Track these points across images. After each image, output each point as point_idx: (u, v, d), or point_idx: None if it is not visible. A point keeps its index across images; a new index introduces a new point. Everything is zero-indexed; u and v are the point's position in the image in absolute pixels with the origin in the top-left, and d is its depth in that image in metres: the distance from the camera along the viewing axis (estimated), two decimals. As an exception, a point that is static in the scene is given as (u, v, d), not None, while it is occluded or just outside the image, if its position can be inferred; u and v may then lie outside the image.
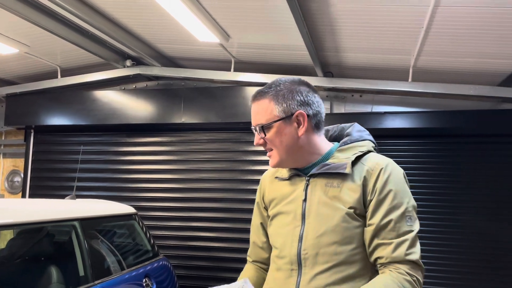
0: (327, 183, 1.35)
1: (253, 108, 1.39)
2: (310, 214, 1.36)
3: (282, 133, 1.34)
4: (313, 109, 1.36)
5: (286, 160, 1.39)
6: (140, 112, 5.00)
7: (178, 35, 4.00)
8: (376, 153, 1.40)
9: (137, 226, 3.80)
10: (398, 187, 1.30)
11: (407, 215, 1.28)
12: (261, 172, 4.73)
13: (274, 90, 1.36)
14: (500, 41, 3.20)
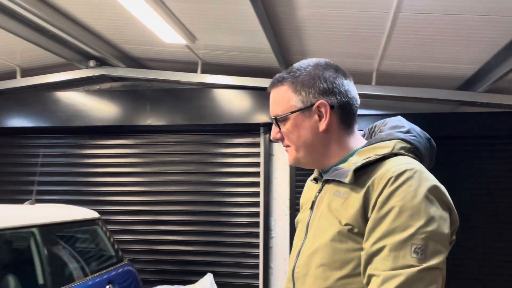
0: (335, 192, 1.11)
1: (271, 97, 1.21)
2: (312, 227, 1.15)
3: (300, 126, 1.14)
4: (339, 98, 1.13)
5: (304, 159, 1.18)
6: (104, 114, 4.88)
7: (143, 36, 3.93)
8: (405, 157, 1.06)
9: (100, 231, 3.71)
10: (407, 203, 0.95)
11: (414, 243, 0.92)
12: (229, 175, 4.79)
13: (294, 75, 1.16)
14: (458, 47, 3.32)
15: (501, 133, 4.19)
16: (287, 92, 1.16)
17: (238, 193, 4.76)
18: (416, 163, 1.04)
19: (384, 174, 1.00)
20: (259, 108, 4.55)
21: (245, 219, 4.71)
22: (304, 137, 1.15)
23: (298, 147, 1.16)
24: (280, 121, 1.17)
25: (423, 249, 0.92)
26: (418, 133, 1.15)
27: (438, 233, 0.94)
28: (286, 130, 1.17)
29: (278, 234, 4.63)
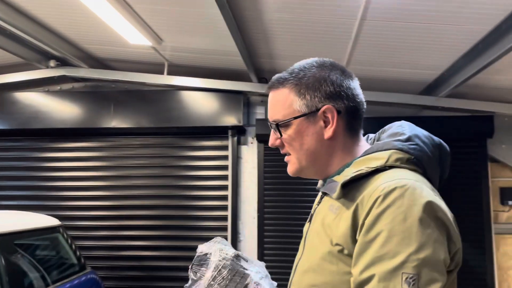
0: (330, 206, 1.02)
1: (269, 99, 1.10)
2: (308, 242, 1.08)
3: (304, 133, 1.04)
4: (347, 103, 1.03)
5: (307, 169, 1.08)
6: (65, 116, 4.71)
7: (107, 37, 3.82)
8: (399, 171, 0.95)
9: (62, 239, 3.58)
10: (396, 226, 0.85)
11: (405, 272, 0.83)
12: (196, 178, 4.73)
13: (297, 76, 1.05)
14: (420, 53, 3.41)
15: (461, 136, 4.35)
16: (290, 95, 1.05)
17: (206, 196, 4.71)
18: (411, 177, 0.92)
19: (373, 192, 0.90)
20: (227, 110, 4.52)
21: (213, 223, 4.67)
22: (307, 145, 1.05)
23: (301, 155, 1.07)
24: (282, 126, 1.06)
25: (415, 279, 0.82)
26: (423, 140, 1.02)
27: (432, 260, 0.84)
28: (288, 137, 1.06)
29: (246, 237, 4.62)
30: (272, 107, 1.09)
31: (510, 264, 4.37)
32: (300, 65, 1.08)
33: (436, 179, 1.05)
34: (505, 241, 4.39)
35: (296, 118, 1.04)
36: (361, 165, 0.98)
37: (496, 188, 4.44)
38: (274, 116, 1.08)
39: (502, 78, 3.64)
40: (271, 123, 1.09)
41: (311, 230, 1.08)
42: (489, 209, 4.34)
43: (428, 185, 0.95)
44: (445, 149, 1.08)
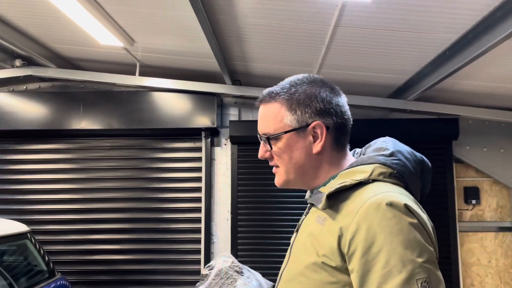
0: (317, 217, 1.05)
1: (260, 112, 1.12)
2: (294, 252, 1.10)
3: (293, 147, 1.08)
4: (335, 119, 1.08)
5: (294, 181, 1.12)
6: (32, 117, 4.55)
7: (77, 37, 3.72)
8: (383, 184, 0.99)
9: (30, 245, 3.47)
10: (394, 239, 0.89)
11: (418, 278, 0.86)
12: (169, 180, 4.68)
13: (288, 92, 1.09)
14: (390, 58, 3.51)
15: (428, 137, 4.50)
16: (281, 109, 1.08)
17: (179, 198, 4.67)
18: (392, 189, 0.97)
19: (360, 206, 0.94)
20: (201, 112, 4.50)
21: (186, 225, 4.64)
22: (296, 159, 1.09)
23: (289, 168, 1.10)
24: (272, 140, 1.09)
25: (429, 281, 0.87)
26: (405, 156, 1.07)
27: (433, 259, 0.90)
28: (277, 150, 1.10)
29: (219, 239, 4.62)
30: (263, 121, 1.12)
31: (473, 261, 4.57)
32: (291, 80, 1.11)
33: (418, 193, 1.09)
34: (468, 238, 4.58)
35: (286, 132, 1.08)
36: (346, 178, 1.03)
37: (460, 188, 4.63)
38: (264, 130, 1.11)
39: (467, 83, 3.79)
40: (261, 136, 1.12)
41: (298, 240, 1.10)
42: (454, 208, 4.51)
43: (410, 198, 1.00)
44: (426, 164, 1.12)
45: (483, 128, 4.59)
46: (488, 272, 4.55)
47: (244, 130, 4.49)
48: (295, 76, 1.13)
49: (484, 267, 4.55)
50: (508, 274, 4.53)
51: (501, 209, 4.61)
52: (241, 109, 4.79)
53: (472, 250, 4.58)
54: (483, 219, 4.60)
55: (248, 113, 4.76)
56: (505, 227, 4.56)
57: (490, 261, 4.55)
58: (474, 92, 4.04)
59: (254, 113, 4.72)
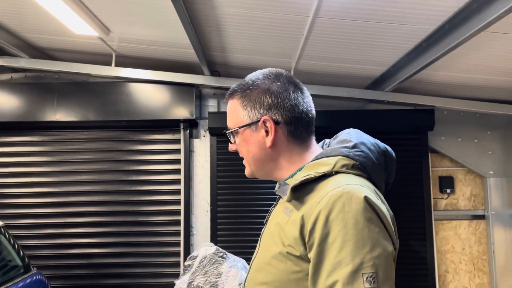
0: (285, 209, 1.08)
1: (227, 108, 1.23)
2: (262, 242, 1.14)
3: (249, 141, 1.14)
4: (285, 114, 1.10)
5: (257, 172, 1.19)
6: (4, 108, 4.41)
7: (50, 26, 3.61)
8: (345, 176, 1.02)
9: (4, 240, 3.38)
10: (349, 231, 0.92)
11: (364, 272, 0.89)
12: (147, 172, 4.63)
13: (243, 89, 1.15)
14: (368, 49, 3.53)
15: (404, 128, 4.57)
16: (237, 106, 1.16)
17: (158, 191, 4.62)
18: (355, 182, 1.00)
19: (321, 198, 0.97)
20: (179, 103, 4.44)
21: (165, 218, 4.60)
22: (252, 152, 1.15)
23: (249, 161, 1.18)
24: (232, 134, 1.18)
25: (375, 277, 0.89)
26: (368, 147, 1.09)
27: (385, 255, 0.92)
28: (238, 144, 1.18)
29: (199, 231, 4.60)
30: (227, 116, 1.21)
31: (447, 248, 4.69)
32: (249, 77, 1.18)
33: (382, 183, 1.12)
34: (443, 226, 4.70)
35: (240, 127, 1.15)
36: (311, 170, 1.06)
37: (435, 177, 4.73)
38: (228, 125, 1.20)
39: (443, 74, 3.86)
40: (225, 131, 1.21)
41: (266, 231, 1.14)
42: (429, 197, 4.61)
43: (371, 189, 1.03)
44: (390, 154, 1.15)
45: (458, 118, 4.69)
46: (462, 259, 4.68)
47: (223, 121, 4.42)
48: (255, 72, 1.18)
49: (458, 254, 4.68)
50: (481, 260, 4.67)
51: (475, 197, 4.73)
52: (220, 100, 4.76)
53: (447, 238, 4.70)
54: (457, 208, 4.72)
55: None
56: (479, 215, 4.69)
57: (464, 248, 4.68)
58: (449, 83, 4.12)
59: (233, 105, 4.68)
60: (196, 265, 2.38)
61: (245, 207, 4.59)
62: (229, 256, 2.72)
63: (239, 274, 2.55)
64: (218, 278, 2.47)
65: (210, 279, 2.44)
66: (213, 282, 2.45)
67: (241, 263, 2.69)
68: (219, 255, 2.86)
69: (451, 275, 4.66)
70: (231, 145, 1.21)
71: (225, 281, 2.49)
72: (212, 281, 2.44)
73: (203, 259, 2.41)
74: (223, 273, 2.56)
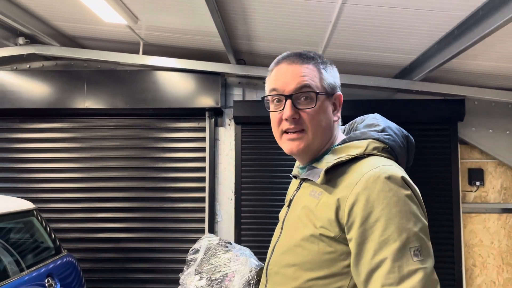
0: (311, 192, 1.09)
1: (293, 70, 1.10)
2: (287, 225, 1.15)
3: (326, 110, 1.11)
4: None
5: (314, 146, 1.12)
6: (36, 95, 4.54)
7: (80, 14, 3.68)
8: (378, 158, 1.04)
9: (37, 223, 3.50)
10: (392, 209, 0.93)
11: (411, 247, 0.92)
12: (173, 160, 4.69)
13: (321, 59, 1.14)
14: (397, 37, 3.46)
15: (433, 119, 4.47)
16: (320, 73, 1.13)
17: (183, 178, 4.69)
18: (389, 163, 1.02)
19: (358, 180, 0.98)
20: (205, 92, 4.47)
21: (190, 205, 4.67)
22: (326, 121, 1.12)
23: (318, 131, 1.11)
24: (309, 98, 1.09)
25: (420, 249, 0.92)
26: (394, 132, 1.13)
27: (425, 230, 0.96)
28: (312, 111, 1.09)
29: (223, 218, 4.65)
30: (301, 76, 1.10)
31: (475, 242, 4.59)
32: (313, 52, 1.17)
33: (404, 166, 1.15)
34: (471, 219, 4.59)
35: (325, 94, 1.12)
36: (342, 153, 1.08)
37: (465, 169, 4.62)
38: (307, 82, 1.09)
39: (475, 63, 3.74)
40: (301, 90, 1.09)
41: (291, 215, 1.14)
42: (458, 189, 4.51)
43: (403, 170, 1.06)
44: (411, 140, 1.19)
45: (490, 109, 4.55)
46: (490, 253, 4.57)
47: (248, 110, 4.47)
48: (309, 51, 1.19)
49: (486, 248, 4.57)
50: (510, 255, 4.56)
51: (505, 190, 4.60)
52: (245, 89, 4.76)
53: (475, 231, 4.59)
54: (486, 201, 4.60)
55: (252, 93, 4.73)
56: (509, 209, 4.56)
57: (493, 242, 4.57)
58: (481, 73, 3.99)
59: (258, 93, 4.68)
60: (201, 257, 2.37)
61: (269, 196, 4.60)
62: (234, 245, 2.73)
63: (249, 261, 2.56)
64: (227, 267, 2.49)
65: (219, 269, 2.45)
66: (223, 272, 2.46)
67: (248, 251, 2.69)
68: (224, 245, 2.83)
69: (479, 269, 4.57)
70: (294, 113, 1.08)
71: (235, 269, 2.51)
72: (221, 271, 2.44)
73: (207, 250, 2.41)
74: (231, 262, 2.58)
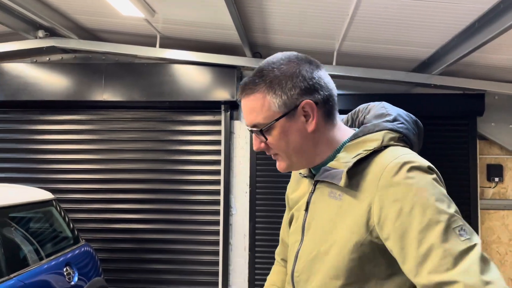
0: (330, 193, 1.06)
1: (244, 106, 1.08)
2: (309, 230, 1.10)
3: (288, 132, 1.05)
4: (322, 93, 1.05)
5: (298, 163, 1.10)
6: (55, 88, 4.62)
7: (98, 7, 3.72)
8: (396, 148, 1.01)
9: (55, 212, 3.58)
10: (421, 194, 0.91)
11: (455, 227, 0.89)
12: (189, 152, 4.73)
13: (268, 78, 1.03)
14: (416, 30, 3.41)
15: (452, 113, 4.40)
16: (266, 98, 1.04)
17: (198, 171, 4.72)
18: (408, 152, 1.00)
19: (381, 174, 0.96)
20: (220, 85, 4.48)
21: (206, 197, 4.70)
22: (294, 143, 1.06)
23: (289, 154, 1.08)
24: (265, 131, 1.05)
25: (464, 228, 0.89)
26: (405, 119, 1.09)
27: (458, 210, 0.93)
28: (272, 140, 1.06)
29: (238, 211, 4.68)
30: (249, 113, 1.07)
31: (493, 239, 4.52)
32: (267, 65, 1.06)
33: (417, 152, 1.12)
34: (489, 216, 4.52)
35: (278, 119, 1.04)
36: (357, 149, 1.02)
37: (483, 165, 4.54)
38: (254, 121, 1.06)
39: (495, 57, 3.66)
40: (252, 129, 1.08)
41: (313, 219, 1.10)
42: (476, 185, 4.44)
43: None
44: (420, 125, 1.15)
45: (510, 104, 4.45)
46: (508, 250, 4.50)
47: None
48: (269, 60, 1.08)
49: (504, 245, 4.50)
50: (528, 253, 4.48)
51: (525, 187, 4.52)
52: (261, 82, 4.74)
53: (493, 228, 4.52)
54: (505, 197, 4.52)
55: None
56: (528, 206, 4.48)
57: (511, 239, 4.50)
58: (502, 67, 3.91)
59: (274, 87, 4.66)
60: None
61: (283, 189, 4.57)
62: None
63: None
64: None
65: None
66: None
67: None
68: None
69: (496, 267, 4.50)
70: (259, 144, 1.09)
71: None
72: None
73: None
74: None
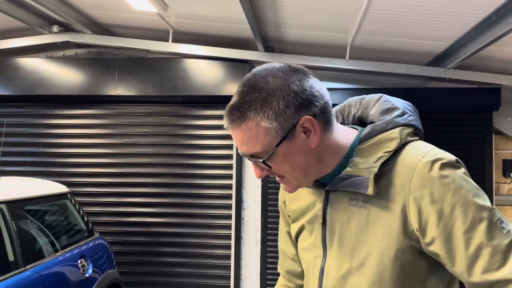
0: (351, 200, 0.99)
1: (236, 136, 0.97)
2: (333, 243, 1.03)
3: (290, 154, 0.96)
4: (317, 104, 0.96)
5: (306, 180, 1.03)
6: (69, 82, 4.67)
7: (111, 2, 3.75)
8: (415, 144, 0.97)
9: (70, 205, 3.64)
10: (459, 192, 0.89)
11: (495, 220, 0.88)
12: (201, 147, 4.75)
13: (256, 102, 0.92)
14: (430, 23, 3.36)
15: (467, 108, 4.34)
16: (259, 125, 0.93)
17: (211, 165, 4.75)
18: (430, 147, 0.96)
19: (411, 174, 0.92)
20: (232, 79, 4.49)
21: (218, 191, 4.73)
22: (298, 163, 0.98)
23: (295, 175, 1.00)
24: (267, 160, 0.96)
25: (501, 219, 0.88)
26: (411, 110, 1.04)
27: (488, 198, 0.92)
28: (276, 166, 0.98)
29: (250, 205, 4.69)
30: (245, 144, 0.97)
31: (508, 235, 4.46)
32: (252, 87, 0.94)
33: None
34: (505, 212, 4.45)
35: (278, 145, 0.95)
36: (375, 151, 0.96)
37: (499, 160, 4.47)
38: (252, 151, 0.97)
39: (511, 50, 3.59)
40: (251, 159, 0.99)
41: (332, 231, 1.03)
42: (491, 181, 4.38)
43: None
44: (416, 110, 1.10)
45: (527, 98, 4.37)
46: (523, 247, 4.43)
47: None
48: (250, 79, 0.96)
49: (519, 241, 4.43)
50: (545, 249, 4.40)
51: (542, 183, 4.44)
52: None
53: (508, 224, 4.46)
54: (521, 193, 4.45)
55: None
56: (545, 202, 4.41)
57: (527, 236, 4.43)
58: (519, 60, 3.84)
59: (287, 81, 4.65)
60: None
61: (295, 184, 4.59)
62: None
63: None
64: None
65: None
66: None
67: None
68: None
69: (511, 263, 4.44)
70: (261, 171, 1.00)
71: None
72: None
73: None
74: None
